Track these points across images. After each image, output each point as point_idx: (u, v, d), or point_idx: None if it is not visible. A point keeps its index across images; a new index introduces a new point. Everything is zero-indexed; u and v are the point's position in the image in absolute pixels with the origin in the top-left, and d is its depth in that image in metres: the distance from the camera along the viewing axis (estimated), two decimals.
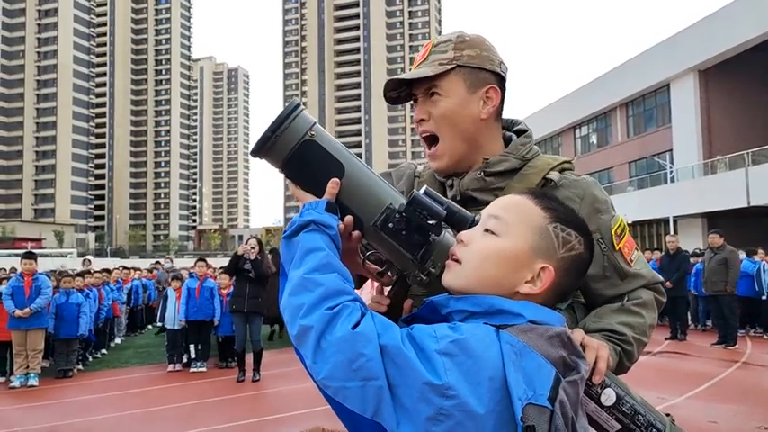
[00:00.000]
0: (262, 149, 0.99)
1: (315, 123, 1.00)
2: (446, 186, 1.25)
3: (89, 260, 13.89)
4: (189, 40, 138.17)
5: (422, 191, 0.96)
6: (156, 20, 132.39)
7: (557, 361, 0.78)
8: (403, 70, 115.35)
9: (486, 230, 0.91)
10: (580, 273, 0.94)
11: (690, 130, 23.92)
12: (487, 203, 0.99)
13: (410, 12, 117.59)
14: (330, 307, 0.79)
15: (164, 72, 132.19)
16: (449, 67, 1.17)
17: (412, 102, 1.26)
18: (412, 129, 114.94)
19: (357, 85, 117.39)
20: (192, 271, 8.76)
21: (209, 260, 8.93)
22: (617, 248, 1.19)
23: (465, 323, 0.82)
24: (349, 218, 0.98)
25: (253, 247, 7.04)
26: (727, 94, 23.31)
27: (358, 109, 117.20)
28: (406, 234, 0.96)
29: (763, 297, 10.07)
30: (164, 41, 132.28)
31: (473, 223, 0.95)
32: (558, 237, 0.90)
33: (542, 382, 0.75)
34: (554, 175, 1.18)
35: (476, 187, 1.19)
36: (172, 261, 13.16)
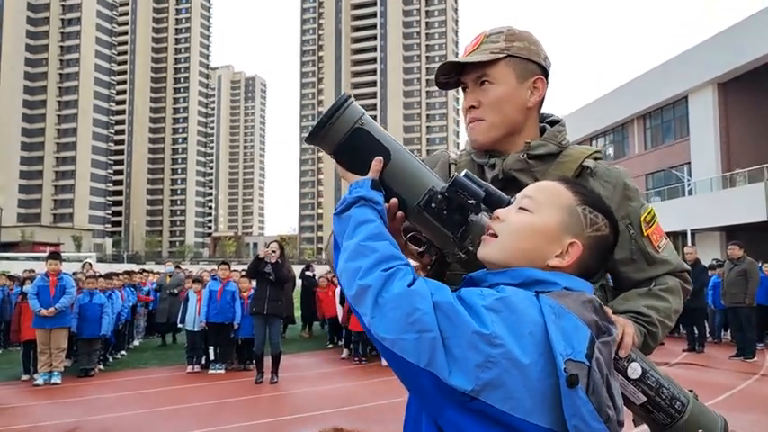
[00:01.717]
0: (316, 136, 1.07)
1: (364, 113, 1.08)
2: (485, 168, 1.32)
3: (89, 263, 13.83)
4: (208, 49, 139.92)
5: (462, 174, 1.04)
6: (176, 29, 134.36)
7: (590, 323, 0.85)
8: (419, 81, 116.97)
9: (521, 209, 0.99)
10: (605, 253, 1.01)
11: (708, 143, 23.76)
12: (526, 185, 1.06)
13: (427, 23, 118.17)
14: (386, 269, 0.87)
15: (182, 80, 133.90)
16: (500, 55, 1.24)
17: (461, 88, 1.33)
18: (427, 139, 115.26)
19: (373, 95, 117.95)
20: (214, 273, 8.89)
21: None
22: (645, 234, 1.26)
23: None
24: (394, 199, 1.06)
25: (274, 251, 7.16)
26: (746, 108, 23.14)
27: (374, 118, 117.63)
28: (447, 214, 1.04)
29: None
30: (183, 50, 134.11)
31: (508, 204, 1.03)
32: (585, 217, 0.97)
33: (580, 341, 0.82)
34: (590, 163, 1.26)
35: (518, 168, 1.26)
36: (175, 266, 12.92)
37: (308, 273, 12.98)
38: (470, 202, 1.02)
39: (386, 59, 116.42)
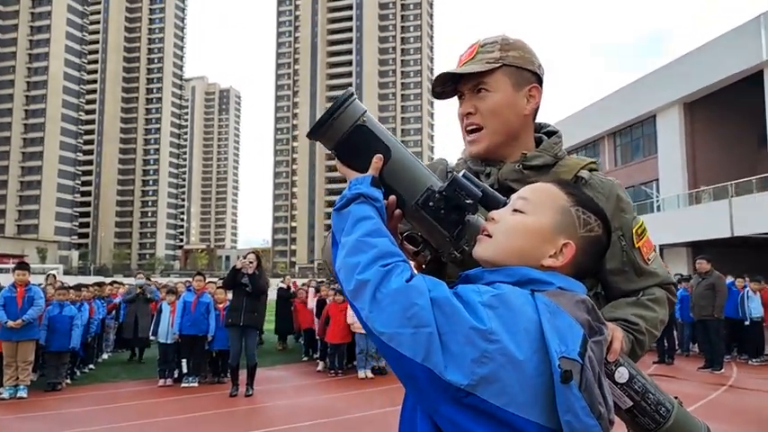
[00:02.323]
0: (318, 131, 1.08)
1: (366, 111, 1.09)
2: (481, 177, 1.33)
3: (53, 275, 13.10)
4: (181, 60, 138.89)
5: (461, 173, 1.05)
6: (149, 39, 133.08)
7: (583, 323, 0.86)
8: (394, 95, 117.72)
9: (515, 210, 1.01)
10: (598, 254, 1.03)
11: (675, 161, 24.41)
12: (505, 205, 1.07)
13: (402, 38, 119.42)
14: (384, 264, 0.88)
15: (155, 90, 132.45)
16: (496, 65, 1.27)
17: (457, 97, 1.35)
18: None
19: None
20: (189, 284, 8.76)
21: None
22: (636, 246, 1.28)
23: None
24: (393, 197, 1.07)
25: (251, 262, 7.10)
26: (711, 127, 23.86)
27: None
28: (444, 213, 1.05)
29: (747, 323, 10.25)
30: (156, 60, 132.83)
31: (504, 205, 1.04)
32: (579, 218, 0.99)
33: (573, 339, 0.82)
34: (584, 174, 1.28)
35: (514, 178, 1.28)
36: (146, 278, 12.17)
37: (282, 285, 12.90)
38: (468, 201, 1.03)
39: (362, 74, 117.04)
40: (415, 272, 0.90)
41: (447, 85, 1.33)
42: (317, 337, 9.82)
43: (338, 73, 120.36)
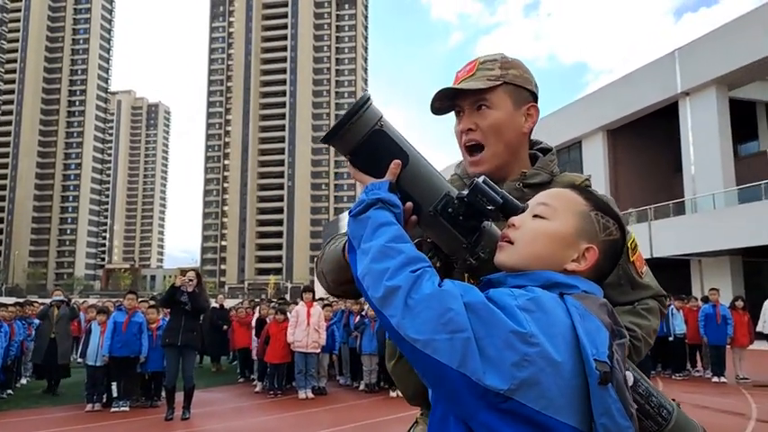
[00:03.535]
0: (335, 136, 1.05)
1: (383, 116, 1.07)
2: None
3: None
4: (107, 72, 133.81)
5: (481, 179, 1.05)
6: (72, 49, 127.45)
7: (607, 326, 0.88)
8: (328, 115, 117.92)
9: (536, 216, 1.02)
10: (616, 257, 1.05)
11: (599, 185, 25.63)
12: (523, 212, 1.09)
13: (337, 59, 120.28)
14: (414, 270, 0.86)
15: (77, 103, 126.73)
16: (497, 83, 1.29)
17: (454, 113, 1.36)
18: (335, 173, 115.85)
19: (282, 128, 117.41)
20: (120, 304, 8.35)
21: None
22: (630, 260, 1.32)
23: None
24: (409, 203, 1.05)
25: (191, 280, 6.86)
26: (633, 153, 25.31)
27: (282, 151, 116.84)
28: (462, 219, 1.05)
29: (671, 339, 10.81)
30: (80, 72, 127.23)
31: (522, 212, 1.05)
32: (599, 222, 1.00)
33: (602, 342, 0.83)
34: None
35: (514, 196, 1.26)
36: (66, 297, 10.51)
37: (215, 304, 12.55)
38: (489, 208, 1.03)
39: (296, 94, 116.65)
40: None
41: (445, 101, 1.33)
42: (255, 358, 9.57)
43: (272, 92, 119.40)
